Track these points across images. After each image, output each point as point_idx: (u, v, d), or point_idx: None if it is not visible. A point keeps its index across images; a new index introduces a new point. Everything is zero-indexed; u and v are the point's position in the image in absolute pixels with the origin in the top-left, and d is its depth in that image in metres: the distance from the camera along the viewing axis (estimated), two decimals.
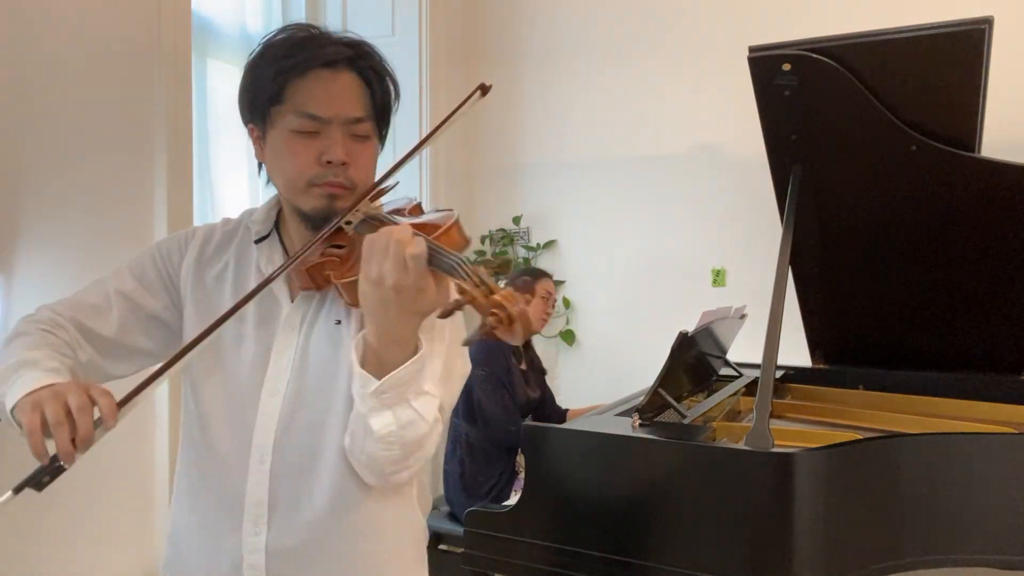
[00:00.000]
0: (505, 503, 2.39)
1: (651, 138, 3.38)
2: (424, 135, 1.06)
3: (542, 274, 2.85)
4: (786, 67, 1.84)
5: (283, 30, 1.05)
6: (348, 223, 0.99)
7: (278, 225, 1.11)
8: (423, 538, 1.15)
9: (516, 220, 3.63)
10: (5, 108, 1.86)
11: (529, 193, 3.66)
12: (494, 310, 0.80)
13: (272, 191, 1.13)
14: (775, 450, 1.49)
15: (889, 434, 1.75)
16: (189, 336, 1.06)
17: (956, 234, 2.10)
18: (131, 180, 2.17)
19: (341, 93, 1.01)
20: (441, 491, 2.75)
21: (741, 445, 1.54)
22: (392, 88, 1.07)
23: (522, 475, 2.12)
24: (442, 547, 2.48)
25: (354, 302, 0.96)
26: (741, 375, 2.49)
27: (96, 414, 0.87)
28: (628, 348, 3.42)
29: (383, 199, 1.07)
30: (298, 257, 0.98)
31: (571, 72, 3.55)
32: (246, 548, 1.01)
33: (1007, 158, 1.93)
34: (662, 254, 3.38)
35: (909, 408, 2.21)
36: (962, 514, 1.59)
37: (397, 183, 1.05)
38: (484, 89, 1.03)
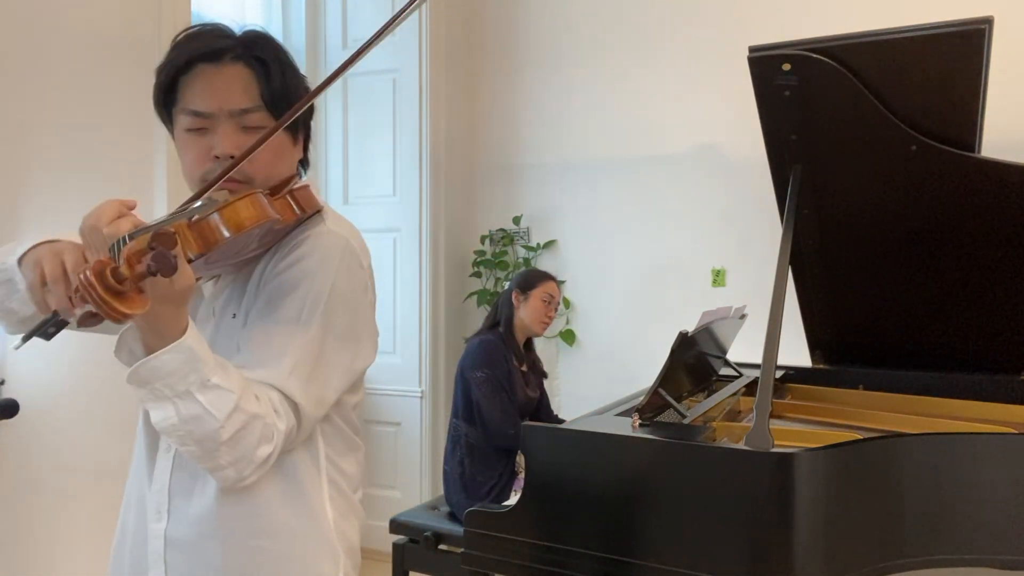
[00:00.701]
0: (505, 503, 2.39)
1: (651, 138, 3.38)
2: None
3: (543, 276, 2.80)
4: (786, 67, 1.84)
5: (187, 29, 1.03)
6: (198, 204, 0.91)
7: None
8: (335, 540, 1.09)
9: (516, 220, 3.63)
10: (5, 108, 1.86)
11: (529, 193, 3.66)
12: (77, 290, 0.75)
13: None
14: (775, 450, 1.49)
15: (889, 434, 1.75)
16: None
17: (956, 234, 2.10)
18: (131, 179, 2.17)
19: (224, 85, 0.98)
20: (441, 491, 2.75)
21: (741, 445, 1.53)
22: (290, 73, 1.03)
23: (522, 475, 2.13)
24: (442, 547, 2.48)
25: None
26: (741, 375, 2.49)
27: None
28: (628, 348, 3.42)
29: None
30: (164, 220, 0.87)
31: (571, 72, 3.55)
32: (150, 534, 1.02)
33: (1007, 158, 1.93)
34: (662, 254, 3.38)
35: (909, 408, 2.21)
36: (962, 514, 1.59)
37: (307, 185, 0.98)
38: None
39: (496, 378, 2.54)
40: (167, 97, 1.00)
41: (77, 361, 2.02)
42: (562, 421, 2.86)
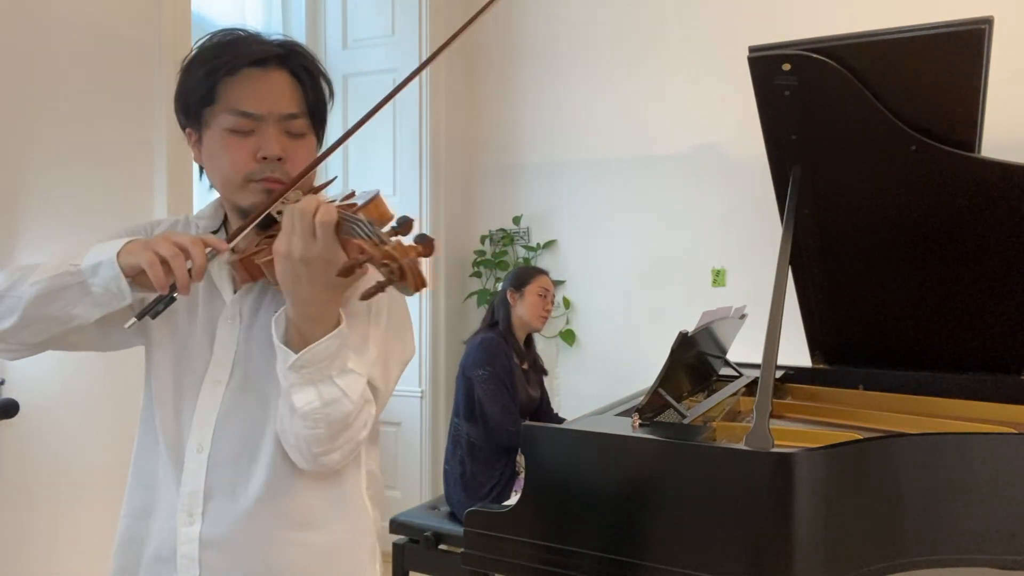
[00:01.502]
0: (505, 503, 2.39)
1: (651, 138, 3.38)
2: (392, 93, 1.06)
3: (537, 271, 2.82)
4: (786, 67, 1.84)
5: (214, 34, 1.05)
6: (279, 212, 0.99)
7: (225, 227, 1.13)
8: (373, 531, 1.14)
9: (516, 220, 3.63)
10: (5, 108, 1.86)
11: (529, 193, 3.66)
12: (385, 261, 0.81)
13: (213, 196, 1.15)
14: (775, 450, 1.49)
15: (889, 434, 1.75)
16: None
17: (956, 234, 2.10)
18: (131, 179, 2.17)
19: (273, 90, 1.02)
20: (441, 491, 2.75)
21: (741, 445, 1.53)
22: (325, 87, 1.08)
23: (522, 475, 2.12)
24: (442, 547, 2.48)
25: (276, 280, 0.96)
26: (741, 375, 2.49)
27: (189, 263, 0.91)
28: (628, 348, 3.42)
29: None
30: (239, 234, 0.99)
31: (571, 72, 3.55)
32: (180, 538, 1.02)
33: (1007, 158, 1.93)
34: (662, 254, 3.38)
35: (909, 408, 2.21)
36: (962, 514, 1.59)
37: (335, 178, 1.06)
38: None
39: (498, 375, 2.54)
40: (204, 97, 1.01)
41: (77, 361, 2.02)
42: (562, 420, 2.86)
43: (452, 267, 3.64)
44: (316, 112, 1.07)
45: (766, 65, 1.86)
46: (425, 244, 0.81)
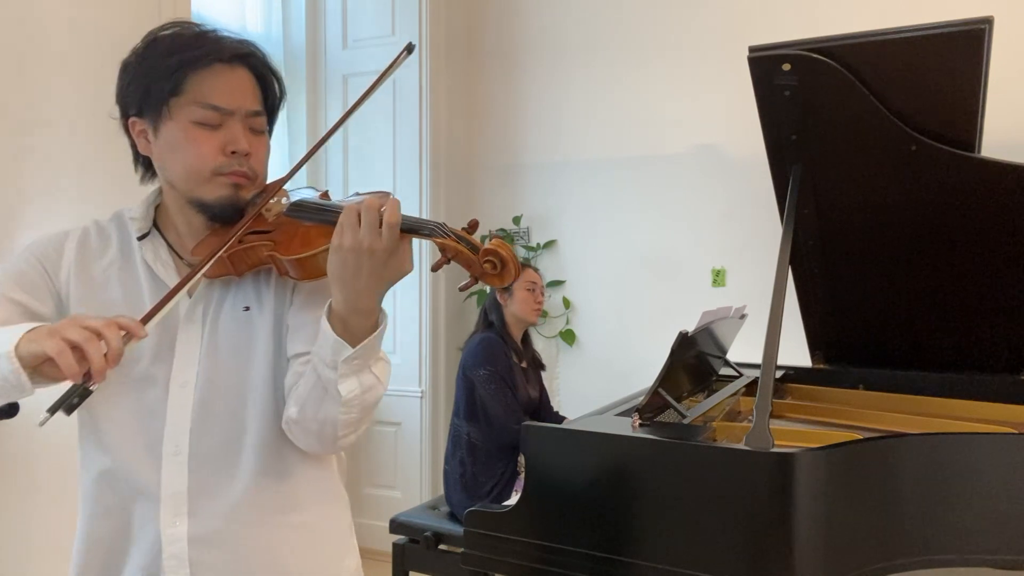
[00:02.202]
0: (505, 503, 2.39)
1: (651, 138, 3.38)
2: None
3: (523, 266, 2.77)
4: (786, 67, 1.84)
5: (169, 26, 1.05)
6: (268, 210, 1.05)
7: (156, 222, 1.11)
8: (348, 506, 1.19)
9: (516, 220, 3.63)
10: (5, 108, 1.86)
11: (529, 193, 3.66)
12: (489, 258, 0.91)
13: (147, 190, 1.15)
14: (775, 450, 1.49)
15: (889, 434, 1.75)
16: None
17: (956, 234, 2.10)
18: (132, 180, 2.17)
19: (241, 87, 1.04)
20: (441, 491, 2.75)
21: (741, 445, 1.53)
22: (280, 89, 1.11)
23: (523, 475, 2.12)
24: (442, 547, 2.48)
25: (306, 275, 1.01)
26: (741, 375, 2.49)
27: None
28: (628, 348, 3.42)
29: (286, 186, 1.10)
30: (227, 245, 1.00)
31: (571, 72, 3.55)
32: (165, 540, 1.02)
33: (1007, 158, 1.93)
34: (662, 254, 3.38)
35: (909, 408, 2.21)
36: (962, 514, 1.59)
37: (292, 176, 1.10)
38: (410, 48, 1.08)
39: (499, 374, 2.54)
40: (171, 88, 1.00)
41: None
42: (563, 419, 2.87)
43: (452, 267, 3.62)
44: (272, 111, 1.10)
45: (766, 65, 1.86)
46: (503, 238, 0.92)
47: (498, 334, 2.65)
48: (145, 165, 1.12)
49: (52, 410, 0.84)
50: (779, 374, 2.50)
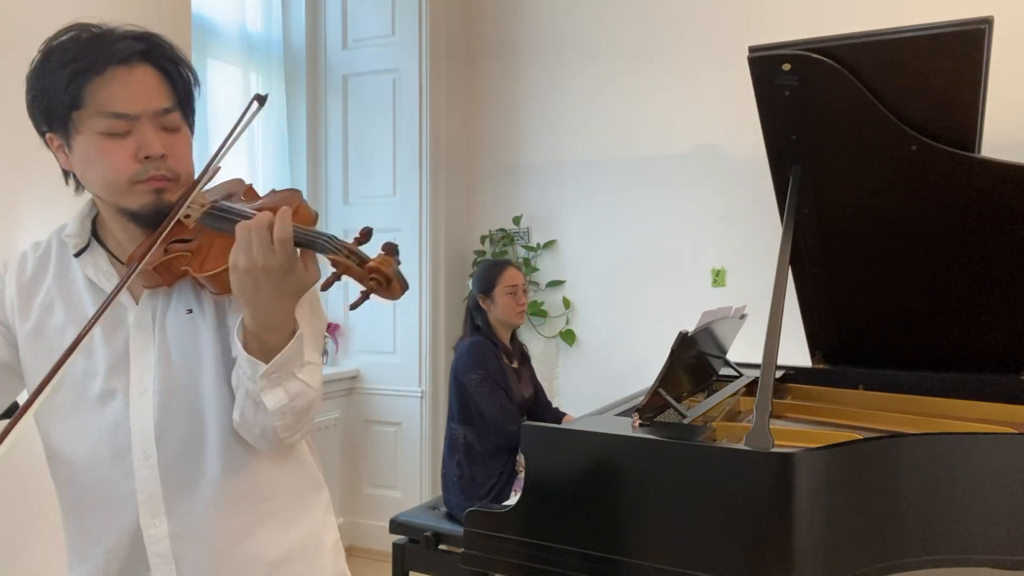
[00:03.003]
0: (505, 503, 2.39)
1: (651, 138, 3.38)
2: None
3: (500, 268, 2.71)
4: (786, 67, 1.84)
5: (64, 31, 1.01)
6: (187, 216, 1.00)
7: (96, 233, 1.09)
8: (321, 484, 1.20)
9: (516, 220, 3.63)
10: (6, 108, 1.86)
11: (529, 193, 3.66)
12: (373, 276, 0.90)
13: (81, 202, 1.11)
14: (775, 450, 1.49)
15: (889, 434, 1.75)
16: (32, 376, 1.05)
17: (956, 234, 2.10)
18: None
19: (142, 87, 0.99)
20: (440, 492, 2.75)
21: (741, 445, 1.54)
22: (190, 75, 1.05)
23: (522, 475, 2.11)
24: (442, 547, 2.48)
25: (222, 291, 1.00)
26: (741, 375, 2.49)
27: None
28: (628, 348, 3.42)
29: (208, 185, 1.07)
30: (142, 261, 0.97)
31: (571, 72, 3.55)
32: (148, 540, 1.04)
33: (1007, 158, 1.93)
34: (662, 254, 3.38)
35: (909, 408, 2.21)
36: (962, 514, 1.59)
37: (219, 168, 1.05)
38: (260, 99, 1.02)
39: (491, 377, 2.54)
40: (70, 102, 0.96)
41: None
42: (562, 414, 2.87)
43: (452, 267, 3.64)
44: (186, 102, 1.04)
45: (766, 65, 1.86)
46: (395, 253, 0.91)
47: (485, 336, 2.64)
48: (75, 179, 1.07)
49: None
50: (779, 374, 2.49)
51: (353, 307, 0.93)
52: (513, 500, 2.15)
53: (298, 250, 0.93)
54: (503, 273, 2.68)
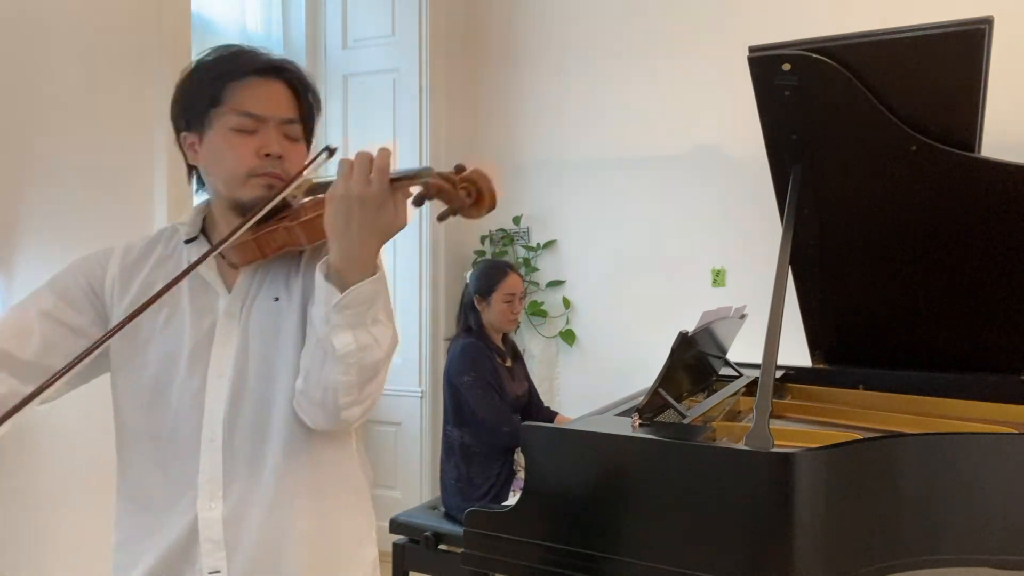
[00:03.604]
0: (504, 503, 2.39)
1: (651, 138, 3.38)
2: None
3: (501, 273, 2.69)
4: (786, 67, 1.84)
5: (215, 49, 1.15)
6: (294, 197, 1.11)
7: (205, 230, 1.19)
8: (368, 496, 1.23)
9: (516, 220, 3.63)
10: (5, 108, 1.86)
11: (529, 193, 3.66)
12: (464, 185, 0.96)
13: (199, 200, 1.22)
14: (775, 450, 1.49)
15: (889, 434, 1.75)
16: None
17: (956, 234, 2.10)
18: (131, 180, 2.17)
19: (274, 97, 1.12)
20: (439, 493, 2.75)
21: (741, 445, 1.54)
22: (315, 100, 1.19)
23: (520, 475, 2.11)
24: (442, 547, 2.48)
25: (314, 238, 1.06)
26: (741, 375, 2.49)
27: None
28: (628, 348, 3.42)
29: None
30: (234, 235, 1.04)
31: (571, 72, 3.55)
32: (202, 524, 1.07)
33: (1007, 158, 1.93)
34: (662, 254, 3.38)
35: (909, 408, 2.21)
36: (962, 514, 1.60)
37: (334, 149, 1.13)
38: (331, 151, 1.09)
39: (484, 379, 2.53)
40: (211, 99, 1.09)
41: None
42: (554, 413, 2.86)
43: (452, 267, 3.64)
44: (308, 121, 1.17)
45: (766, 65, 1.86)
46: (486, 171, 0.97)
47: (477, 337, 2.64)
48: (197, 177, 1.19)
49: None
50: (779, 374, 2.49)
51: (440, 218, 1.00)
52: (512, 500, 2.15)
53: (393, 192, 0.98)
54: (505, 279, 2.67)
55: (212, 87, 1.09)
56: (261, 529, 1.08)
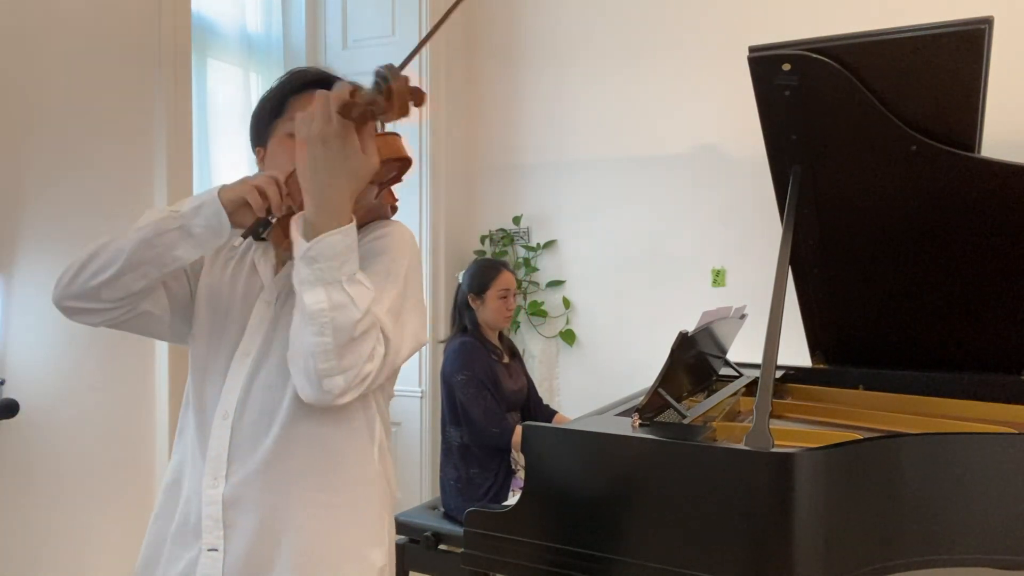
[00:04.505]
0: (504, 503, 2.39)
1: (651, 138, 3.38)
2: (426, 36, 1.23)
3: (495, 271, 2.68)
4: (786, 67, 1.84)
5: (285, 74, 1.28)
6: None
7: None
8: (385, 497, 1.21)
9: (516, 220, 3.63)
10: (6, 108, 1.86)
11: (529, 193, 3.66)
12: (377, 80, 0.99)
13: None
14: (775, 450, 1.49)
15: (889, 434, 1.75)
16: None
17: (956, 234, 2.10)
18: (131, 179, 2.17)
19: None
20: (439, 494, 2.75)
21: (741, 445, 1.54)
22: None
23: (519, 474, 2.10)
24: (442, 547, 2.48)
25: (297, 202, 1.08)
26: (741, 375, 2.49)
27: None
28: (628, 348, 3.42)
29: None
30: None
31: (571, 72, 3.55)
32: (205, 500, 1.11)
33: (1007, 158, 1.93)
34: (662, 254, 3.38)
35: (909, 408, 2.21)
36: (962, 514, 1.60)
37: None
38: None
39: (478, 378, 2.53)
40: (273, 110, 1.21)
41: (76, 361, 2.02)
42: (553, 412, 2.86)
43: (452, 267, 3.64)
44: None
45: (766, 65, 1.86)
46: (419, 91, 0.99)
47: (474, 336, 2.64)
48: None
49: (245, 235, 1.07)
50: (779, 374, 2.50)
51: (353, 117, 0.99)
52: (512, 500, 2.15)
53: (358, 130, 1.00)
54: (499, 276, 2.67)
55: (275, 102, 1.21)
56: (259, 513, 1.09)
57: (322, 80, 1.22)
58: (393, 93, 0.98)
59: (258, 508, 1.09)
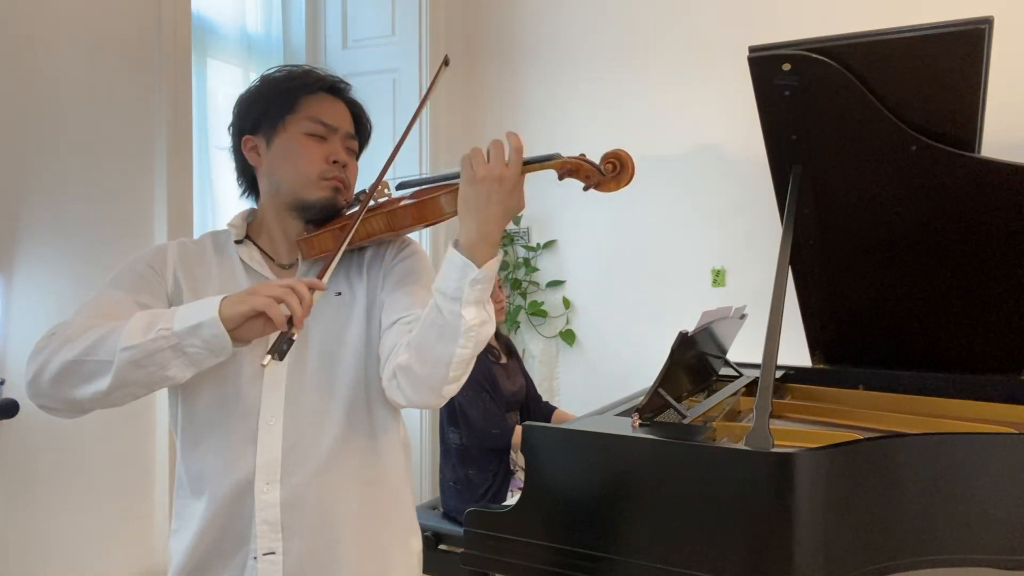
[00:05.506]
0: (504, 503, 2.39)
1: (651, 138, 3.38)
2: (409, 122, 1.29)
3: None
4: (786, 67, 1.84)
5: (282, 68, 1.28)
6: (377, 197, 1.24)
7: (250, 235, 1.27)
8: (411, 489, 1.30)
9: (516, 220, 3.63)
10: (5, 108, 1.86)
11: (529, 193, 3.63)
12: (610, 161, 1.07)
13: (245, 205, 1.32)
14: (775, 450, 1.49)
15: (889, 434, 1.75)
16: None
17: (956, 234, 2.10)
18: (131, 179, 2.17)
19: (341, 113, 1.26)
20: (438, 495, 2.75)
21: (741, 445, 1.54)
22: (369, 125, 1.34)
23: (519, 474, 2.10)
24: (442, 547, 2.48)
25: (418, 219, 1.17)
26: (741, 375, 2.49)
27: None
28: (628, 348, 3.42)
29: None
30: (358, 221, 1.17)
31: (571, 72, 3.55)
32: (259, 506, 1.11)
33: (1007, 158, 1.93)
34: (662, 254, 3.38)
35: (909, 408, 2.21)
36: (962, 514, 1.59)
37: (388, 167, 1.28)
38: (447, 61, 1.24)
39: (475, 379, 2.52)
40: (285, 105, 1.21)
41: None
42: (553, 408, 2.86)
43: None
44: (362, 141, 1.33)
45: (766, 65, 1.86)
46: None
47: None
48: (248, 182, 1.29)
49: (273, 354, 0.97)
50: (779, 374, 2.50)
51: (585, 189, 1.11)
52: (511, 500, 2.15)
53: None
54: None
55: (288, 96, 1.21)
56: (318, 512, 1.12)
57: (339, 86, 1.26)
58: (626, 173, 1.08)
59: (316, 508, 1.13)
